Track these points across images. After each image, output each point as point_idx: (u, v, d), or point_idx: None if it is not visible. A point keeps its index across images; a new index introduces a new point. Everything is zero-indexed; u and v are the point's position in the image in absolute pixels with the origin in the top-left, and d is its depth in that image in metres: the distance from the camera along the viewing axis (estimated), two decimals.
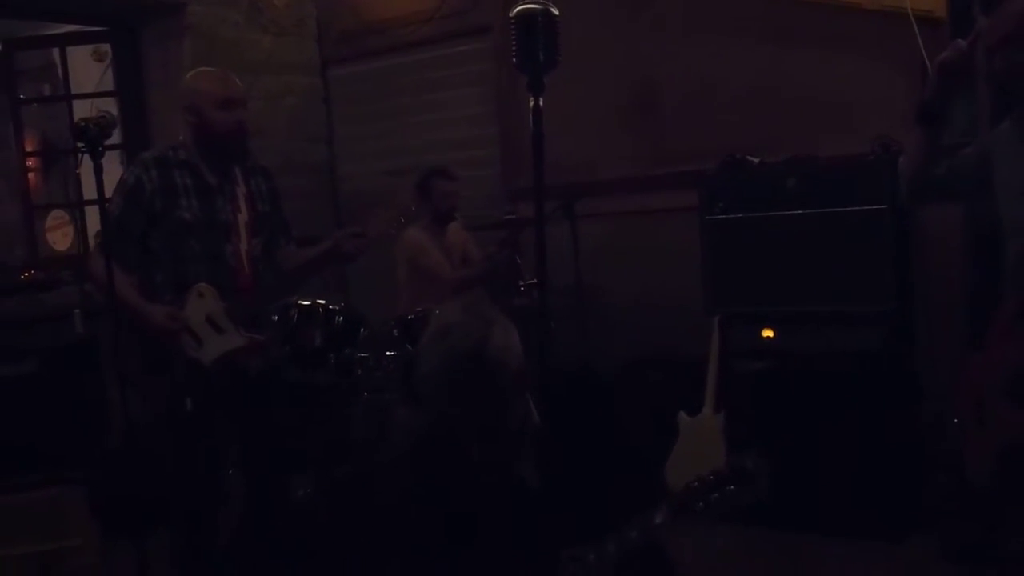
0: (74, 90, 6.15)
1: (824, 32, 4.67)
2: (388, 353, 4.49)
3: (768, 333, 4.34)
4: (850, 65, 4.61)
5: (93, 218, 5.66)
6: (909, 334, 4.24)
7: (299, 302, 4.48)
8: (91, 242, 5.75)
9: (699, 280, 4.51)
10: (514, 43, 2.09)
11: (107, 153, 3.25)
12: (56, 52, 6.28)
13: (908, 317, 4.22)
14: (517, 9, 2.09)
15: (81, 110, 6.12)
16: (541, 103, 2.06)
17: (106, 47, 6.32)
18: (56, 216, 6.33)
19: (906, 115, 4.28)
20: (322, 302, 4.50)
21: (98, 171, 3.16)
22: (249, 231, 3.60)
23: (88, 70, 6.63)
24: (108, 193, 3.32)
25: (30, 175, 6.32)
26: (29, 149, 6.40)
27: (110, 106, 6.12)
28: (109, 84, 6.26)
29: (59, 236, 6.31)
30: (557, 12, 2.09)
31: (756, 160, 4.47)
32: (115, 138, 5.63)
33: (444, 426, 2.29)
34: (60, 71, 6.26)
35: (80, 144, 3.08)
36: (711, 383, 4.43)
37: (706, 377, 4.43)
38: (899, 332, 4.12)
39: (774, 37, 4.82)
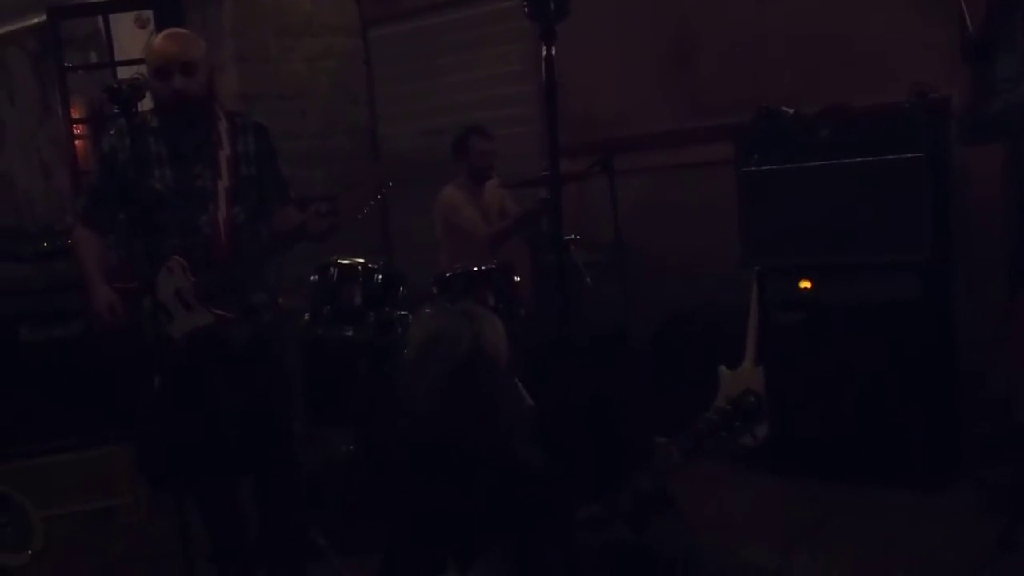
0: (117, 56, 6.24)
1: None
2: (427, 311, 4.54)
3: (806, 284, 4.31)
4: (886, 14, 4.55)
5: None
6: (947, 283, 4.20)
7: (338, 261, 4.54)
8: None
9: (737, 233, 4.50)
10: None
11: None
12: (100, 20, 6.37)
13: (946, 266, 4.17)
14: None
15: (126, 76, 6.22)
16: (554, 52, 2.04)
17: (148, 13, 6.38)
18: None
19: (943, 62, 4.28)
20: (361, 261, 4.54)
21: (133, 132, 3.22)
22: (229, 197, 3.36)
23: (132, 36, 6.70)
24: None
25: (77, 142, 6.43)
26: (76, 116, 6.50)
27: None
28: None
29: None
30: None
31: (790, 111, 4.42)
32: None
33: (441, 435, 2.27)
34: (104, 38, 6.35)
35: (114, 107, 3.12)
36: (751, 336, 4.41)
37: (746, 330, 4.42)
38: (937, 281, 4.08)
39: None
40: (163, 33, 3.44)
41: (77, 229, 3.51)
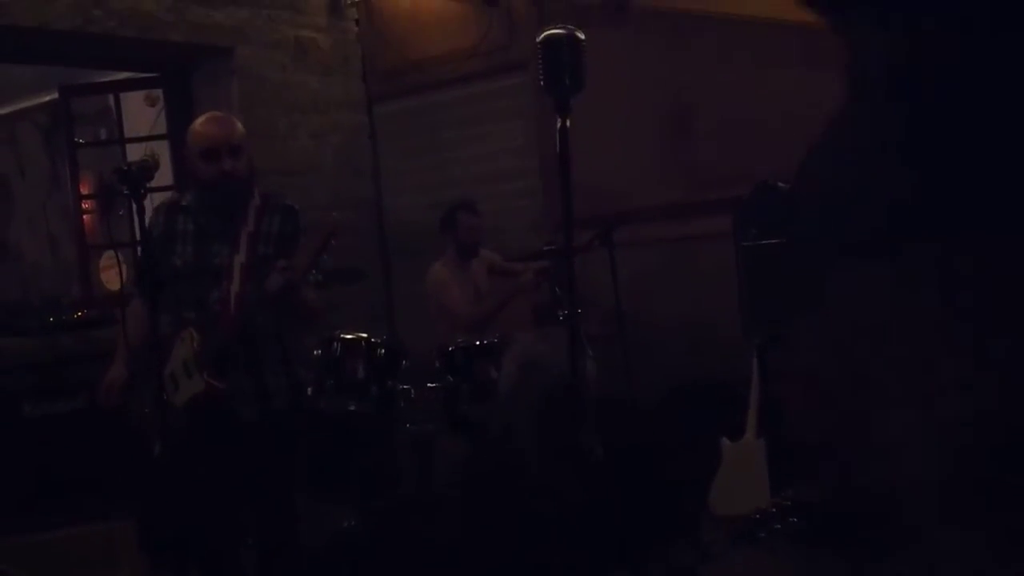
0: (127, 134, 6.35)
1: None
2: (430, 384, 4.59)
3: None
4: None
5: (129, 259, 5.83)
6: None
7: (342, 335, 4.60)
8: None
9: (737, 305, 4.54)
10: (540, 67, 2.14)
11: (159, 194, 3.39)
12: (111, 98, 6.50)
13: None
14: (544, 34, 2.17)
15: (135, 153, 6.32)
16: (568, 123, 2.12)
17: (158, 92, 6.51)
18: (110, 256, 6.51)
19: None
20: (364, 335, 4.61)
21: (139, 213, 3.27)
22: (243, 274, 3.42)
23: (141, 114, 6.84)
24: None
25: (86, 216, 6.52)
26: (84, 191, 6.60)
27: (162, 149, 6.31)
28: (162, 127, 6.45)
29: (113, 276, 6.50)
30: (583, 36, 2.15)
31: (787, 186, 4.49)
32: (167, 179, 5.88)
33: (523, 454, 2.31)
34: (115, 115, 6.47)
35: (123, 187, 3.20)
36: (753, 408, 4.43)
37: (747, 401, 4.44)
38: None
39: (805, 64, 4.85)
40: (207, 116, 3.60)
41: (133, 301, 3.59)
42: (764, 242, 4.40)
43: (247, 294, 3.39)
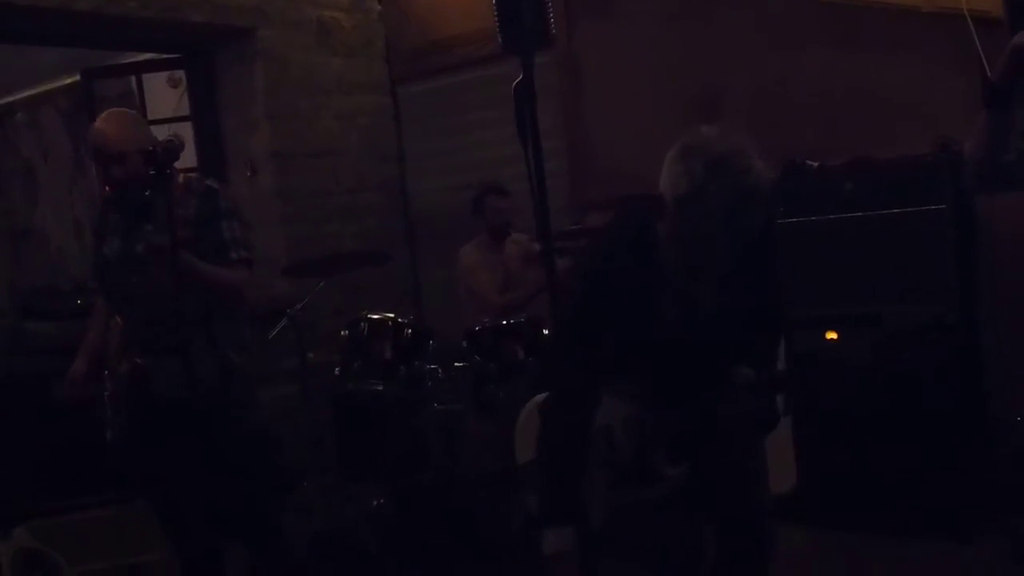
0: (151, 116, 6.35)
1: (883, 35, 4.66)
2: (457, 364, 4.59)
3: (832, 335, 4.33)
4: (909, 67, 4.59)
5: None
6: (974, 333, 4.20)
7: (369, 316, 4.61)
8: None
9: None
10: (498, 25, 2.09)
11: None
12: (133, 80, 6.50)
13: (973, 315, 4.18)
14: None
15: (159, 136, 6.33)
16: (532, 80, 2.08)
17: (180, 73, 6.50)
18: None
19: (965, 114, 4.31)
20: (391, 315, 4.62)
21: (167, 195, 3.29)
22: (161, 262, 3.31)
23: (164, 96, 6.83)
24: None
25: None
26: None
27: (185, 130, 6.31)
28: (185, 109, 6.45)
29: None
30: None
31: (815, 164, 4.46)
32: (191, 161, 5.89)
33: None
34: (137, 98, 6.47)
35: (150, 169, 3.21)
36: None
37: None
38: (964, 331, 4.09)
39: (834, 42, 4.81)
40: (102, 117, 3.62)
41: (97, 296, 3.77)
42: (792, 220, 4.38)
43: (164, 280, 3.28)
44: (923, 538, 4.01)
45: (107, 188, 3.66)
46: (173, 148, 3.22)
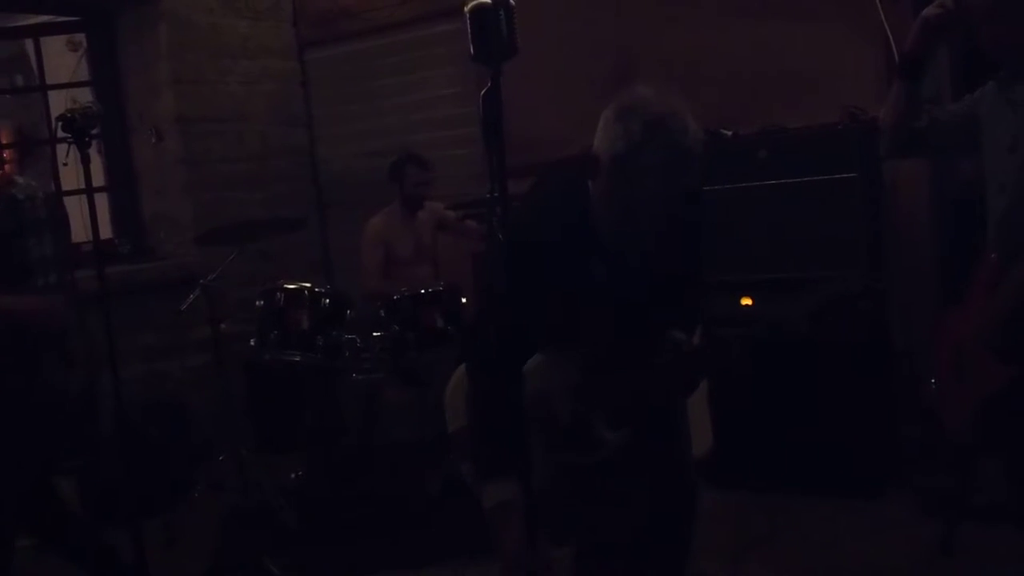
0: (49, 80, 6.16)
1: (792, 7, 4.75)
2: (375, 334, 4.57)
3: (747, 301, 4.42)
4: (818, 39, 4.69)
5: (72, 208, 5.68)
6: (882, 297, 4.34)
7: (285, 285, 4.55)
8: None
9: None
10: (469, 36, 2.10)
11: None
12: (30, 43, 6.28)
13: (880, 280, 4.31)
14: (471, 3, 2.11)
15: (56, 101, 6.13)
16: (499, 89, 2.10)
17: (81, 36, 6.31)
18: None
19: (873, 84, 4.44)
20: (308, 285, 4.57)
21: (85, 162, 3.20)
22: None
23: (63, 59, 6.62)
24: (94, 183, 3.35)
25: (6, 167, 6.31)
26: (4, 141, 6.39)
27: (85, 96, 6.13)
28: (84, 74, 6.26)
29: None
30: (514, 2, 2.10)
31: (729, 133, 4.54)
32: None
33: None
34: (34, 61, 6.26)
35: (67, 135, 3.11)
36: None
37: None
38: (872, 295, 4.21)
39: (746, 13, 4.88)
40: None
41: None
42: (707, 188, 4.44)
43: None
44: (836, 496, 4.15)
45: None
46: (92, 114, 3.10)
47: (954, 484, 3.81)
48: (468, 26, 2.10)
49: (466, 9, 2.12)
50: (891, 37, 4.38)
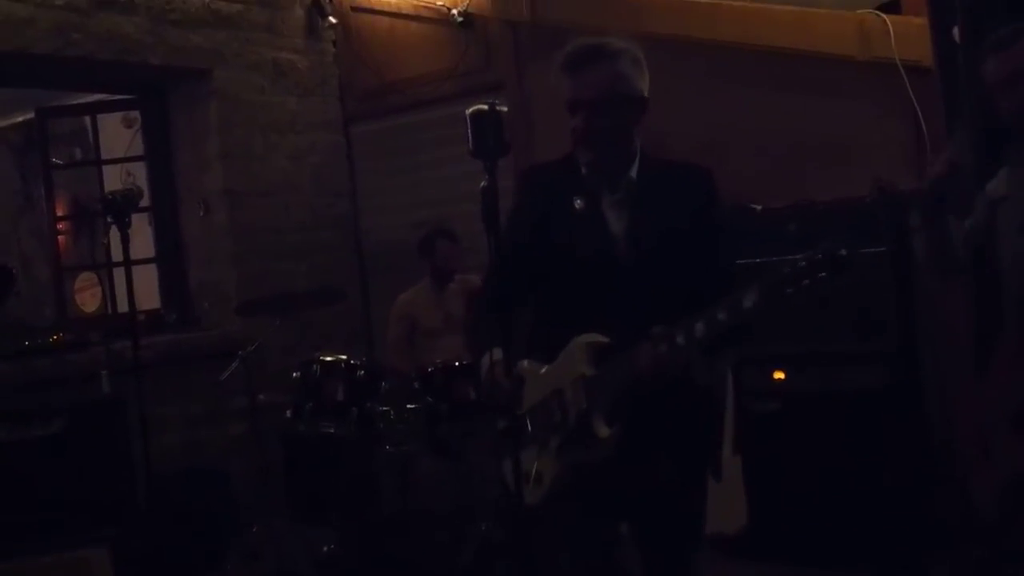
0: (104, 155, 6.35)
1: (822, 83, 4.78)
2: (409, 406, 4.61)
3: (779, 375, 4.41)
4: (847, 113, 4.72)
5: (121, 279, 5.83)
6: (915, 370, 4.30)
7: (321, 358, 4.62)
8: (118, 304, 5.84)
9: None
10: (469, 136, 2.36)
11: (135, 215, 3.42)
12: (87, 119, 6.50)
13: (914, 353, 4.28)
14: (471, 108, 2.38)
15: (111, 174, 6.32)
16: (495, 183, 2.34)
17: (135, 113, 6.51)
18: (85, 278, 6.50)
19: (902, 157, 4.45)
20: (344, 357, 4.63)
21: (124, 241, 3.33)
22: None
23: (119, 134, 6.83)
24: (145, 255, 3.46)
25: (60, 237, 6.50)
26: (60, 213, 6.58)
27: (139, 170, 6.31)
28: (139, 148, 6.45)
29: (88, 297, 6.47)
30: (505, 109, 2.39)
31: (758, 207, 4.56)
32: (144, 200, 5.88)
33: None
34: (91, 136, 6.47)
35: (108, 217, 3.24)
36: (728, 426, 4.50)
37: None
38: (905, 369, 4.19)
39: (777, 87, 4.92)
40: None
41: None
42: (738, 261, 4.45)
43: None
44: (874, 571, 4.08)
45: None
46: (132, 195, 3.24)
47: (989, 562, 3.73)
48: (468, 127, 2.31)
49: (467, 112, 2.37)
50: (919, 111, 4.40)
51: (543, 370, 2.66)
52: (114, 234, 3.55)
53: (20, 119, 7.73)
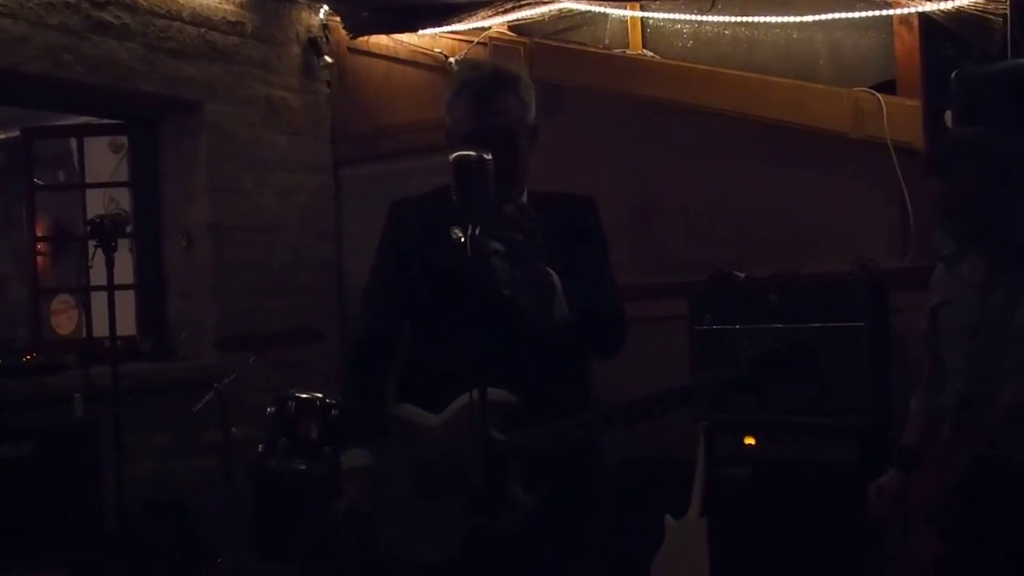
0: (89, 179, 6.34)
1: (812, 157, 4.88)
2: None
3: (750, 441, 4.44)
4: (836, 188, 4.82)
5: (99, 304, 5.80)
6: (886, 446, 4.34)
7: (296, 395, 4.62)
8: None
9: None
10: (453, 183, 2.31)
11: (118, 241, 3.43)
12: (73, 141, 6.49)
13: (886, 431, 4.33)
14: (454, 155, 2.34)
15: (94, 198, 6.32)
16: (478, 232, 2.26)
17: (123, 139, 6.51)
18: (62, 300, 6.47)
19: (884, 237, 4.54)
20: (320, 395, 4.63)
21: (109, 265, 3.34)
22: None
23: (104, 158, 6.83)
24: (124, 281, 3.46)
25: (39, 259, 6.47)
26: (40, 234, 6.55)
27: (123, 196, 6.31)
28: (123, 173, 6.44)
29: (64, 320, 6.45)
30: (489, 157, 2.30)
31: (742, 275, 4.63)
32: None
33: None
34: (76, 159, 6.46)
35: (94, 240, 3.25)
36: (697, 488, 4.53)
37: (692, 482, 4.53)
38: (876, 445, 4.23)
39: (766, 161, 5.02)
40: None
41: None
42: (717, 327, 4.51)
43: None
44: None
45: None
46: (120, 220, 3.25)
47: None
48: (452, 174, 2.29)
49: (450, 159, 2.34)
50: (907, 193, 4.49)
51: (434, 422, 2.55)
52: (98, 258, 3.53)
53: (2, 137, 7.69)
